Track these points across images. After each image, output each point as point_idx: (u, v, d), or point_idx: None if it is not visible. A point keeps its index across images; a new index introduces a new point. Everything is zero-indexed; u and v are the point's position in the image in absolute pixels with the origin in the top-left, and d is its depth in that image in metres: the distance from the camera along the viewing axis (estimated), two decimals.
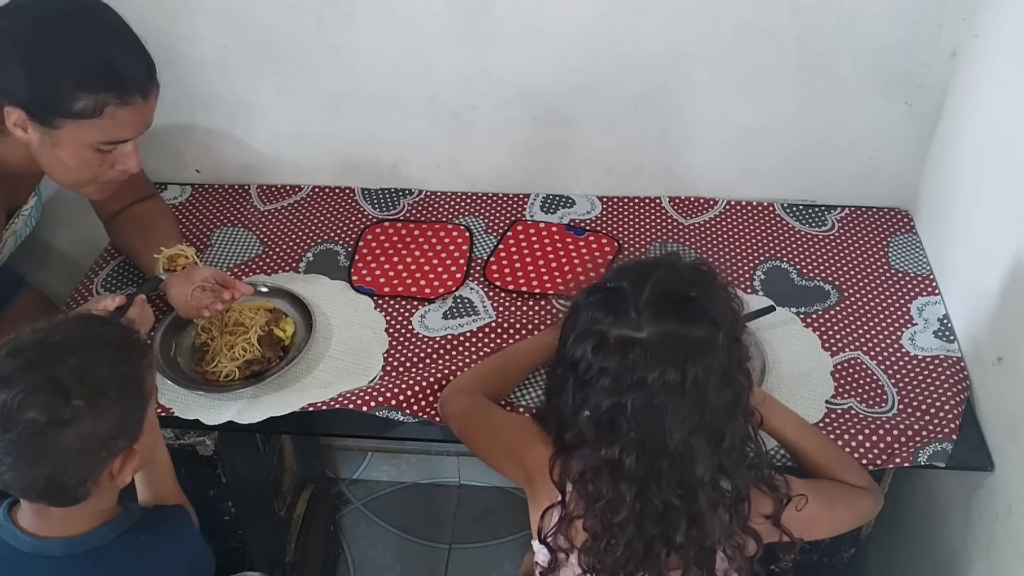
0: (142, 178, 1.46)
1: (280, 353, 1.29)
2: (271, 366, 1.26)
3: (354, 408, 1.21)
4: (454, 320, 1.38)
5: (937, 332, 1.32)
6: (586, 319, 0.92)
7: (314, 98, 1.57)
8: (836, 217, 1.56)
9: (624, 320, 0.89)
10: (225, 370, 1.25)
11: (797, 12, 1.36)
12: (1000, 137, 1.21)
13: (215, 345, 1.29)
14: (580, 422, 0.91)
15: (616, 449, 0.88)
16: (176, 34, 1.50)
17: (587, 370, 0.89)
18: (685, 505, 0.89)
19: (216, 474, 1.27)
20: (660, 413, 0.86)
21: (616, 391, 0.87)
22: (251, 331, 1.28)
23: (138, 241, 1.40)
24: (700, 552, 0.92)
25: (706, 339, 0.88)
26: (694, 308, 0.89)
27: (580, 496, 0.93)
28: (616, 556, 0.91)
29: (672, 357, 0.86)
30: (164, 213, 1.49)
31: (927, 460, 1.13)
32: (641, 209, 1.60)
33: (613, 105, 1.51)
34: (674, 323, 0.88)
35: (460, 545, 1.92)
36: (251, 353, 1.26)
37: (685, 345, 0.87)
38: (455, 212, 1.61)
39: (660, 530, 0.91)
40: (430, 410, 1.22)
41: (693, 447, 0.88)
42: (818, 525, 1.02)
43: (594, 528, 0.92)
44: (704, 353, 0.87)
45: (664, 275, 0.92)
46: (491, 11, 1.41)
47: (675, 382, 0.86)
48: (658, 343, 0.87)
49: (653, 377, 0.86)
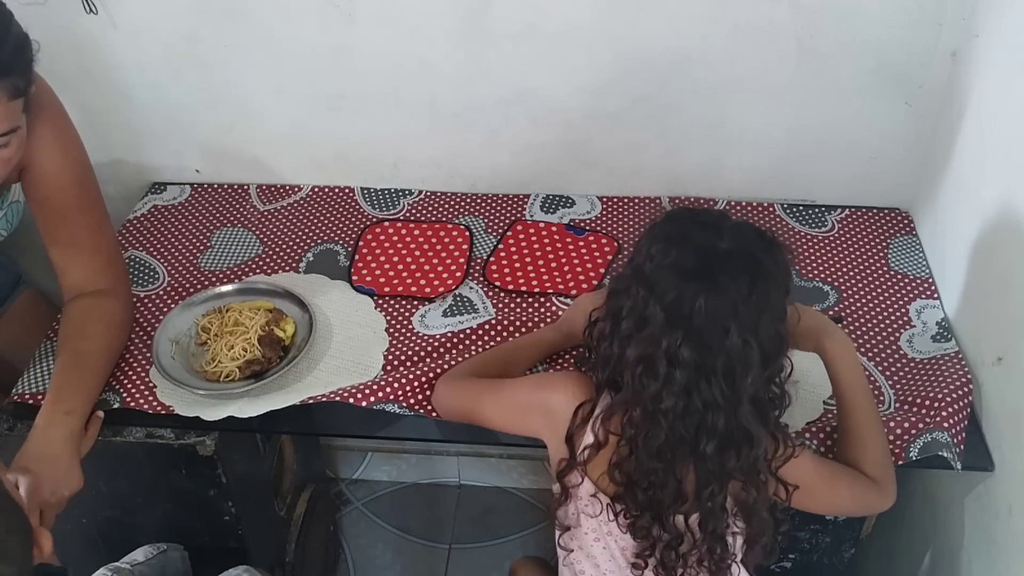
0: (108, 256, 1.30)
1: (280, 353, 1.29)
2: (271, 366, 1.26)
3: (354, 403, 1.21)
4: (454, 318, 1.38)
5: (935, 336, 1.32)
6: (670, 228, 0.97)
7: (314, 98, 1.57)
8: (836, 218, 1.56)
9: (708, 231, 0.94)
10: (225, 370, 1.25)
11: (797, 12, 1.36)
12: (1000, 137, 1.21)
13: (215, 345, 1.29)
14: (649, 311, 0.92)
15: (678, 336, 0.90)
16: (176, 34, 1.50)
17: (662, 259, 0.93)
18: (725, 408, 0.92)
19: (216, 474, 1.27)
20: (725, 313, 0.90)
21: (688, 285, 0.91)
22: (251, 331, 1.28)
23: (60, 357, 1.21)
24: (720, 471, 0.95)
25: (775, 272, 0.94)
26: (772, 246, 0.96)
27: (631, 384, 0.95)
28: (652, 451, 0.94)
29: (745, 269, 0.91)
30: (108, 340, 1.27)
31: (919, 453, 1.12)
32: (641, 209, 1.60)
33: (613, 105, 1.51)
34: (755, 245, 0.94)
35: (460, 545, 1.92)
36: (251, 353, 1.26)
37: (758, 265, 0.92)
38: (455, 212, 1.61)
39: (693, 434, 0.94)
40: (427, 404, 1.22)
41: (746, 355, 0.91)
42: (811, 493, 1.03)
43: (636, 419, 0.95)
44: (771, 281, 0.93)
45: (744, 224, 0.98)
46: (491, 11, 1.41)
47: (744, 290, 0.90)
48: (737, 254, 0.92)
49: (725, 279, 0.90)
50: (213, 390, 1.24)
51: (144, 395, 1.26)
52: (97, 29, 1.49)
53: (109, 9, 1.46)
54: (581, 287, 1.42)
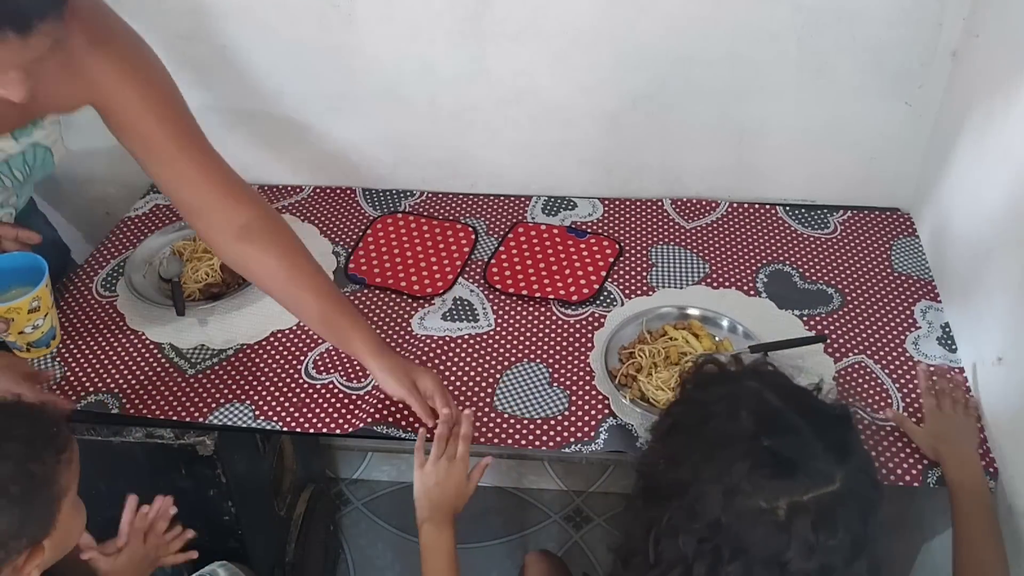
0: (228, 179, 1.17)
1: (240, 280, 1.42)
2: (229, 291, 1.42)
3: (361, 424, 1.22)
4: (453, 323, 1.38)
5: (940, 339, 1.31)
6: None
7: (314, 98, 1.57)
8: (838, 220, 1.56)
9: (807, 476, 0.72)
10: (188, 290, 1.42)
11: (797, 12, 1.36)
12: (1000, 137, 1.21)
13: (185, 269, 1.45)
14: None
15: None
16: (176, 34, 1.50)
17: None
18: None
19: (216, 474, 1.27)
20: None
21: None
22: (215, 258, 1.44)
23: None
24: None
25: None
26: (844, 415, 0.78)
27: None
28: None
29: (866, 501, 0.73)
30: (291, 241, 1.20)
31: (936, 483, 1.11)
32: (643, 211, 1.59)
33: (613, 105, 1.51)
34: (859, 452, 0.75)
35: (460, 545, 1.90)
36: (212, 277, 1.43)
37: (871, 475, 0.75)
38: (456, 213, 1.61)
39: None
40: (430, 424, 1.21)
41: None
42: None
43: None
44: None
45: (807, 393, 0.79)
46: (491, 11, 1.41)
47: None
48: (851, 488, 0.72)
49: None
50: (170, 305, 1.38)
51: (144, 401, 1.26)
52: None
53: None
54: (582, 291, 1.42)
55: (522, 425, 1.21)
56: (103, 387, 1.28)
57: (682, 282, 1.43)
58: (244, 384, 1.29)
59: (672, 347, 1.26)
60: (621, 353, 1.28)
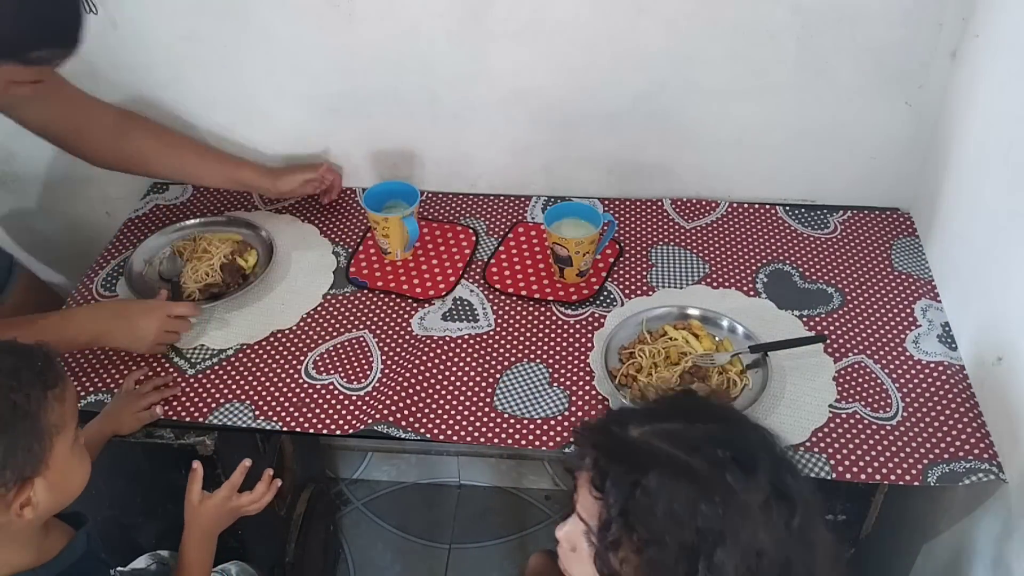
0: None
1: (240, 280, 1.44)
2: (229, 291, 1.41)
3: (361, 426, 1.22)
4: (453, 323, 1.38)
5: (941, 337, 1.31)
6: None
7: (314, 98, 1.57)
8: (838, 219, 1.56)
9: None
10: (187, 291, 1.41)
11: (797, 12, 1.36)
12: (1000, 137, 1.21)
13: (185, 269, 1.45)
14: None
15: None
16: (176, 34, 1.50)
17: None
18: None
19: (216, 474, 1.26)
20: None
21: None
22: (215, 257, 1.45)
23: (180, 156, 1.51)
24: None
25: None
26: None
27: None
28: None
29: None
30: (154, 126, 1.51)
31: (936, 481, 1.11)
32: (643, 212, 1.59)
33: (613, 105, 1.51)
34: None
35: (460, 545, 1.92)
36: (212, 277, 1.42)
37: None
38: (456, 213, 1.61)
39: None
40: (430, 425, 1.22)
41: None
42: None
43: None
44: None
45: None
46: (491, 11, 1.41)
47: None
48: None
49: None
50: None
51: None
52: (97, 29, 1.48)
53: (109, 9, 1.46)
54: (582, 291, 1.42)
55: (522, 425, 1.21)
56: (103, 387, 1.28)
57: (682, 282, 1.43)
58: (244, 384, 1.29)
59: (672, 347, 1.26)
60: (621, 353, 1.28)
